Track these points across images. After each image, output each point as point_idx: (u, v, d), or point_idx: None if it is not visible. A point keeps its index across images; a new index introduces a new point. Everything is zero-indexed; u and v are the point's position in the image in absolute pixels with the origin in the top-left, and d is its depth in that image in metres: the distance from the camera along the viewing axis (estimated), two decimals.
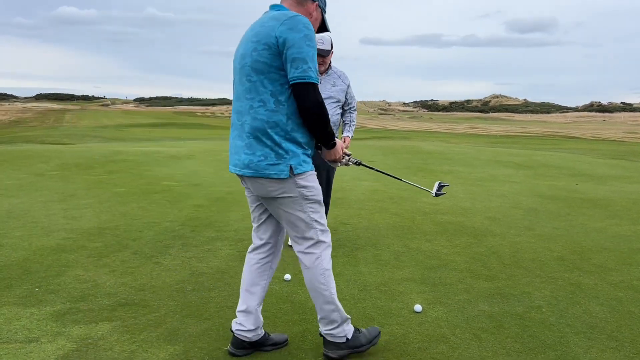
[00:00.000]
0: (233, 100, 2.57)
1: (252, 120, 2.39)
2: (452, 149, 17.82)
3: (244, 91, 2.43)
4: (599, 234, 5.30)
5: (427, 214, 6.17)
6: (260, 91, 2.37)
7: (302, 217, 2.48)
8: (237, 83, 2.50)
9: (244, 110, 2.42)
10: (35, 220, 5.21)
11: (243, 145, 2.43)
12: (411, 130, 47.80)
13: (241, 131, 2.45)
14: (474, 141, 28.52)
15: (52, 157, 10.83)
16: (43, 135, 24.35)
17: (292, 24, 2.31)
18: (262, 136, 2.38)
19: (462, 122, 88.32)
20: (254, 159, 2.39)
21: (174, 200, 6.55)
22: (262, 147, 2.39)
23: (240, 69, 2.45)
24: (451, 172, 10.53)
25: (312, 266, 2.52)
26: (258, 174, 2.39)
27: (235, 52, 2.56)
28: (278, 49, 2.31)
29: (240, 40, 2.55)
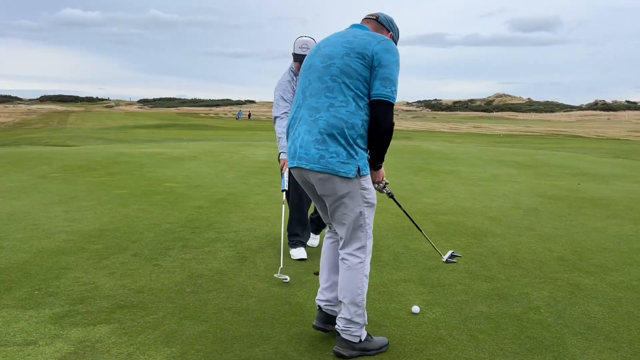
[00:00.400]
0: (302, 96, 2.63)
1: (330, 118, 2.48)
2: (454, 148, 17.79)
3: (324, 89, 2.53)
4: (599, 234, 5.29)
5: (427, 214, 6.17)
6: (345, 92, 2.49)
7: (357, 219, 2.59)
8: (314, 80, 2.58)
9: (322, 107, 2.51)
10: (36, 223, 5.23)
11: (314, 141, 2.50)
12: (414, 130, 47.73)
13: (313, 126, 2.51)
14: (477, 141, 28.46)
15: (54, 158, 10.86)
16: (47, 137, 24.43)
17: (388, 47, 2.53)
18: (337, 134, 2.47)
19: (466, 121, 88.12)
20: (325, 154, 2.47)
21: (174, 201, 6.56)
22: (335, 145, 2.47)
23: (324, 67, 2.55)
24: (453, 172, 10.51)
25: (355, 269, 2.62)
26: (328, 170, 2.47)
27: (313, 49, 2.69)
28: (371, 63, 2.49)
29: (320, 43, 2.70)
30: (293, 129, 2.65)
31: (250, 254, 4.36)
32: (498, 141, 28.53)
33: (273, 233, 5.07)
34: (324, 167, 2.48)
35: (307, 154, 2.52)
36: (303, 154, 2.53)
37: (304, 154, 2.53)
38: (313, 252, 4.44)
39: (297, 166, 2.59)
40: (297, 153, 2.57)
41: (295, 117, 2.65)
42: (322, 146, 2.48)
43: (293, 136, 2.63)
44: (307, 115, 2.57)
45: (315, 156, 2.49)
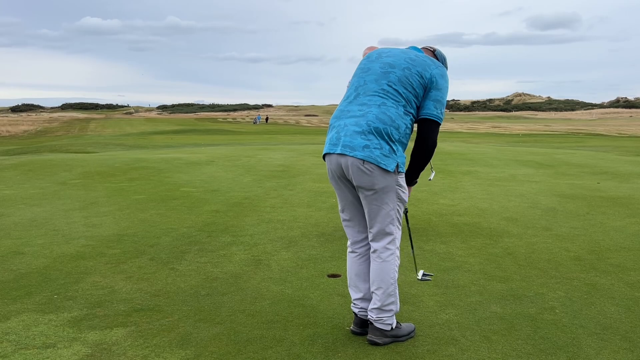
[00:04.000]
0: (355, 93, 2.80)
1: (379, 113, 2.65)
2: (472, 149, 17.66)
3: (379, 90, 2.71)
4: (618, 232, 5.22)
5: (443, 215, 6.15)
6: (398, 98, 2.68)
7: (391, 214, 2.75)
8: (371, 82, 2.76)
9: (373, 104, 2.69)
10: (57, 229, 5.34)
11: (360, 132, 2.64)
12: None
13: (361, 119, 2.67)
14: (495, 140, 28.21)
15: (75, 165, 11.06)
16: (68, 144, 24.85)
17: (444, 73, 2.80)
18: (383, 130, 2.62)
19: (485, 121, 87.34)
20: (370, 145, 2.62)
21: (192, 206, 6.64)
22: (379, 139, 2.62)
23: (383, 73, 2.74)
24: (470, 173, 10.44)
25: (388, 260, 2.78)
26: (370, 159, 2.60)
27: (374, 55, 2.86)
28: (427, 84, 2.71)
29: (381, 51, 2.89)
30: (339, 120, 2.78)
31: (265, 257, 4.39)
32: (517, 141, 28.25)
33: (288, 236, 5.10)
34: (367, 155, 2.61)
35: (351, 143, 2.64)
36: (348, 142, 2.66)
37: (348, 142, 2.65)
38: (326, 255, 4.45)
39: (340, 153, 2.68)
40: (341, 141, 2.69)
41: (344, 110, 2.80)
42: (368, 137, 2.63)
43: (338, 127, 2.76)
44: (357, 109, 2.73)
45: (360, 145, 2.63)
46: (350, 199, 2.87)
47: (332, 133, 2.79)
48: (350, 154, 2.63)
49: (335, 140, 2.72)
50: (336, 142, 2.71)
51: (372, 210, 2.74)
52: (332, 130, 2.80)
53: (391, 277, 2.77)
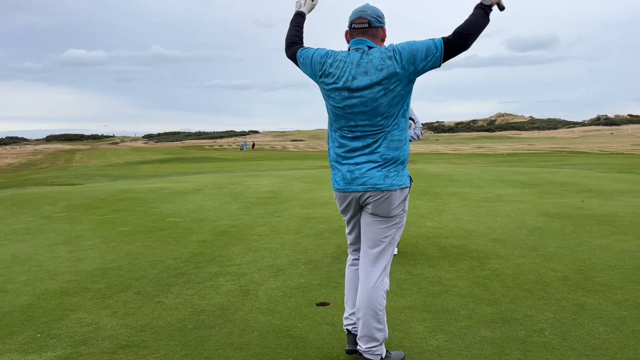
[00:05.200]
0: (352, 133, 2.74)
1: (387, 143, 2.68)
2: (457, 170, 17.79)
3: (377, 124, 2.67)
4: (604, 251, 5.25)
5: (430, 238, 6.16)
6: (393, 116, 2.68)
7: (393, 238, 2.81)
8: (362, 120, 2.70)
9: (379, 137, 2.69)
10: (40, 264, 5.25)
11: (377, 166, 2.69)
12: (417, 152, 47.77)
13: (373, 155, 2.69)
14: (480, 161, 28.47)
15: (59, 198, 10.94)
16: (53, 176, 24.59)
17: (399, 47, 2.65)
18: (395, 157, 2.70)
19: (469, 142, 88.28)
20: (389, 174, 2.69)
21: (178, 236, 6.58)
22: (394, 164, 2.70)
23: (370, 110, 2.66)
24: (456, 194, 10.51)
25: (377, 286, 2.77)
26: (391, 187, 2.68)
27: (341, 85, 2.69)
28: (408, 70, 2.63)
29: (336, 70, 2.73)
30: (346, 160, 2.76)
31: (253, 286, 4.35)
32: (501, 160, 28.53)
33: (276, 264, 5.07)
34: (389, 185, 2.68)
35: (371, 178, 2.69)
36: (367, 180, 2.69)
37: (367, 179, 2.69)
38: (314, 283, 4.42)
39: (361, 191, 2.72)
40: (358, 180, 2.72)
41: (349, 148, 2.75)
42: (384, 168, 2.69)
43: (349, 165, 2.75)
44: (361, 144, 2.71)
45: (380, 178, 2.68)
46: (360, 226, 2.93)
47: (343, 170, 2.78)
48: (373, 189, 2.70)
49: (350, 179, 2.74)
50: (351, 180, 2.74)
51: (378, 236, 2.79)
52: (342, 167, 2.78)
53: (380, 304, 2.75)
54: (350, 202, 2.83)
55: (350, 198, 2.80)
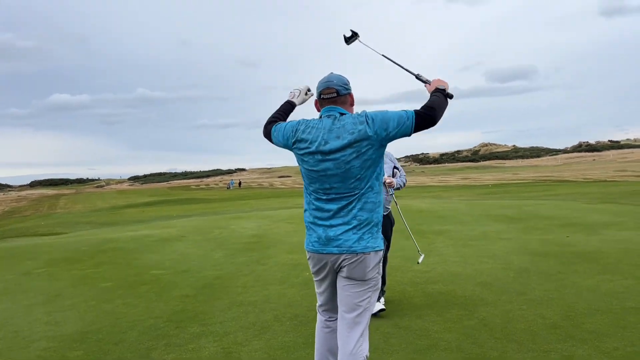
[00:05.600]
0: (327, 196, 2.78)
1: (362, 204, 2.72)
2: (443, 205, 17.82)
3: (351, 187, 2.72)
4: (591, 293, 5.21)
5: (417, 284, 6.08)
6: (367, 178, 2.73)
7: (369, 301, 2.78)
8: (336, 182, 2.75)
9: (353, 199, 2.73)
10: (17, 329, 5.08)
11: (352, 228, 2.71)
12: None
13: (347, 216, 2.72)
14: (466, 193, 28.61)
15: (40, 252, 10.71)
16: (36, 225, 24.25)
17: (371, 115, 2.74)
18: (369, 219, 2.73)
19: (454, 172, 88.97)
20: (364, 236, 2.71)
21: (160, 291, 6.43)
22: (369, 226, 2.73)
23: (343, 172, 2.72)
24: (442, 233, 10.47)
25: (356, 353, 2.71)
26: (366, 250, 2.70)
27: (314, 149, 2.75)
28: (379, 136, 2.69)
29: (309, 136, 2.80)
30: (322, 221, 2.79)
31: (236, 348, 4.23)
32: (487, 192, 28.70)
33: (260, 321, 4.94)
34: (363, 248, 2.70)
35: (346, 241, 2.70)
36: (342, 242, 2.71)
37: (342, 242, 2.71)
38: (299, 342, 4.31)
39: (336, 253, 2.73)
40: (333, 242, 2.74)
41: (323, 209, 2.79)
42: (359, 231, 2.71)
43: (324, 227, 2.77)
44: (336, 207, 2.75)
45: (354, 239, 2.70)
46: (332, 293, 2.93)
47: (318, 232, 2.80)
48: (349, 252, 2.71)
49: (325, 241, 2.76)
50: (326, 242, 2.76)
51: (355, 301, 2.76)
52: (317, 229, 2.81)
53: None
54: (324, 264, 2.83)
55: (325, 260, 2.80)
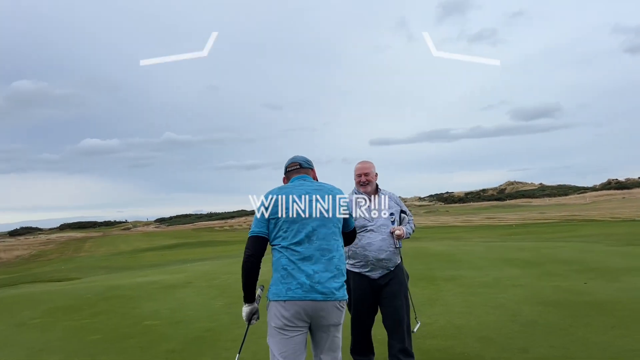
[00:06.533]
0: (308, 239, 3.03)
1: (339, 256, 3.08)
2: (461, 247, 17.29)
3: (331, 234, 3.09)
4: (601, 351, 4.76)
5: (415, 338, 5.66)
6: (338, 234, 3.16)
7: (340, 340, 3.12)
8: (320, 227, 3.07)
9: (333, 248, 3.06)
10: None
11: (332, 276, 3.00)
12: (426, 226, 47.32)
13: (329, 264, 3.01)
14: (487, 234, 27.91)
15: (42, 300, 10.57)
16: (54, 270, 24.39)
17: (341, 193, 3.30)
18: (344, 269, 3.10)
19: (479, 212, 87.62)
20: (342, 285, 3.03)
21: (147, 346, 6.15)
22: (343, 277, 3.07)
23: (327, 218, 3.11)
24: (454, 279, 10.01)
25: None
26: (344, 298, 3.03)
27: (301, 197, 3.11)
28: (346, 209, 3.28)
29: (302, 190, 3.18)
30: (304, 266, 2.97)
31: None
32: (509, 233, 27.97)
33: None
34: (343, 295, 3.01)
35: (328, 288, 2.95)
36: (326, 290, 2.94)
37: (326, 289, 2.94)
38: None
39: (321, 300, 2.92)
40: (317, 288, 2.93)
41: (305, 256, 2.99)
42: (339, 279, 3.02)
43: (306, 272, 2.95)
44: (319, 255, 3.00)
45: (336, 287, 2.98)
46: (302, 345, 3.01)
47: (299, 279, 2.93)
48: (332, 299, 2.94)
49: (309, 287, 2.91)
50: (310, 288, 2.91)
51: (335, 344, 3.05)
52: (297, 276, 2.94)
53: None
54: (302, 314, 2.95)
55: (307, 307, 2.93)
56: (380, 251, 4.27)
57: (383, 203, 4.46)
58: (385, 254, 4.28)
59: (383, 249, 4.27)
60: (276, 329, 2.97)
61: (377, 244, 4.27)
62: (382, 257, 4.28)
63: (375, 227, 4.33)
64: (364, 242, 4.28)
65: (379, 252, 4.27)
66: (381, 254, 4.27)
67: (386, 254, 4.29)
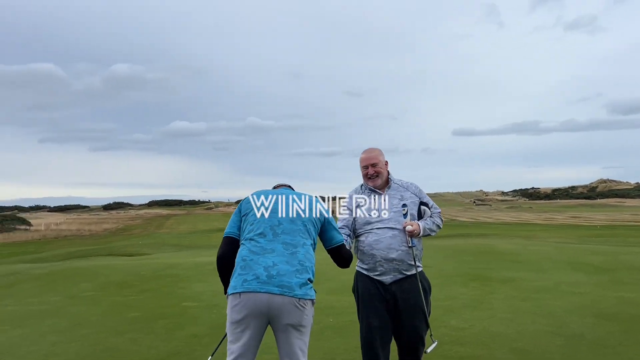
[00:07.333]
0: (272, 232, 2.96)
1: (305, 253, 2.93)
2: (528, 247, 16.29)
3: (298, 230, 2.99)
4: None
5: (442, 344, 5.30)
6: (310, 237, 3.04)
7: (306, 345, 2.86)
8: (286, 222, 3.01)
9: (298, 244, 2.94)
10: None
11: (294, 270, 2.80)
12: (503, 222, 45.38)
13: (292, 258, 2.85)
14: (566, 235, 26.27)
15: (101, 274, 11.08)
16: (129, 245, 25.69)
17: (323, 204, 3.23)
18: (309, 269, 2.89)
19: (565, 210, 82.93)
20: (305, 282, 2.80)
21: (174, 327, 6.21)
22: (308, 275, 2.86)
23: (298, 216, 3.06)
24: (511, 281, 9.39)
25: None
26: (307, 297, 2.79)
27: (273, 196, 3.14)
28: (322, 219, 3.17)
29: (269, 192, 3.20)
30: (263, 258, 2.82)
31: None
32: (591, 235, 26.18)
33: None
34: (304, 294, 2.77)
35: (289, 282, 2.73)
36: (285, 282, 2.73)
37: (286, 282, 2.73)
38: None
39: (276, 293, 2.70)
40: (275, 281, 2.73)
41: (266, 248, 2.87)
42: (302, 275, 2.81)
43: (264, 264, 2.79)
44: (282, 248, 2.88)
45: (297, 284, 2.76)
46: (256, 341, 2.83)
47: (257, 270, 2.77)
48: (290, 294, 2.71)
49: (267, 279, 2.73)
50: (267, 280, 2.72)
51: (296, 348, 2.79)
52: (255, 267, 2.78)
53: None
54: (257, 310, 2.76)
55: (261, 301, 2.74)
56: (389, 250, 3.61)
57: (391, 200, 3.79)
58: (397, 253, 3.60)
59: (393, 247, 3.61)
60: (231, 323, 2.81)
61: (386, 241, 3.63)
62: (392, 256, 3.60)
63: (384, 221, 3.70)
64: (371, 239, 3.68)
65: (389, 251, 3.61)
66: (391, 252, 3.60)
67: (397, 253, 3.60)
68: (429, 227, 3.77)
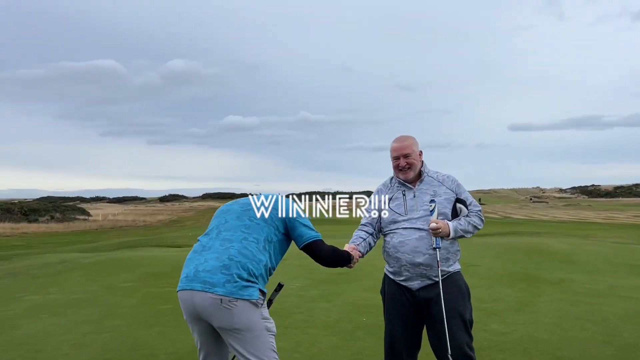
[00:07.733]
0: (217, 231, 2.82)
1: (241, 248, 2.64)
2: (584, 247, 15.44)
3: (241, 225, 2.78)
4: None
5: (480, 350, 4.96)
6: (259, 232, 2.76)
7: (260, 351, 2.56)
8: (232, 219, 2.84)
9: (235, 239, 2.69)
10: (40, 349, 5.08)
11: (221, 266, 2.55)
12: (560, 220, 43.61)
13: (223, 254, 2.61)
14: (627, 235, 24.89)
15: (142, 264, 11.24)
16: (179, 236, 26.19)
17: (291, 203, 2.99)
18: (244, 265, 2.57)
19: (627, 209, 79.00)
20: (231, 279, 2.51)
21: None
22: (239, 271, 2.55)
23: (244, 211, 2.89)
24: (561, 282, 8.85)
25: None
26: (230, 294, 2.47)
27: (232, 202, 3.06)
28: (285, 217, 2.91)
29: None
30: (199, 255, 2.68)
31: None
32: None
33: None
34: (228, 292, 2.48)
35: (211, 278, 2.51)
36: (208, 278, 2.51)
37: (208, 277, 2.51)
38: None
39: (199, 290, 2.51)
40: (200, 277, 2.53)
41: (205, 246, 2.74)
42: (228, 271, 2.53)
43: (197, 261, 2.64)
44: (219, 245, 2.69)
45: (220, 281, 2.50)
46: (211, 340, 2.74)
47: (188, 268, 2.64)
48: (210, 291, 2.48)
49: (193, 276, 2.57)
50: (193, 277, 2.56)
51: (240, 353, 2.55)
52: (188, 266, 2.67)
53: None
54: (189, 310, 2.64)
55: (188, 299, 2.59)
56: (415, 253, 3.25)
57: (422, 195, 3.40)
58: (423, 257, 3.23)
59: (420, 250, 3.24)
60: None
61: (412, 244, 3.27)
62: (419, 261, 3.24)
63: (411, 220, 3.33)
64: (396, 240, 3.34)
65: (415, 255, 3.25)
66: (417, 256, 3.24)
67: (424, 257, 3.23)
68: (462, 227, 3.30)
